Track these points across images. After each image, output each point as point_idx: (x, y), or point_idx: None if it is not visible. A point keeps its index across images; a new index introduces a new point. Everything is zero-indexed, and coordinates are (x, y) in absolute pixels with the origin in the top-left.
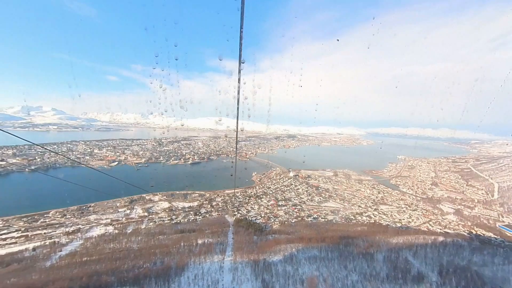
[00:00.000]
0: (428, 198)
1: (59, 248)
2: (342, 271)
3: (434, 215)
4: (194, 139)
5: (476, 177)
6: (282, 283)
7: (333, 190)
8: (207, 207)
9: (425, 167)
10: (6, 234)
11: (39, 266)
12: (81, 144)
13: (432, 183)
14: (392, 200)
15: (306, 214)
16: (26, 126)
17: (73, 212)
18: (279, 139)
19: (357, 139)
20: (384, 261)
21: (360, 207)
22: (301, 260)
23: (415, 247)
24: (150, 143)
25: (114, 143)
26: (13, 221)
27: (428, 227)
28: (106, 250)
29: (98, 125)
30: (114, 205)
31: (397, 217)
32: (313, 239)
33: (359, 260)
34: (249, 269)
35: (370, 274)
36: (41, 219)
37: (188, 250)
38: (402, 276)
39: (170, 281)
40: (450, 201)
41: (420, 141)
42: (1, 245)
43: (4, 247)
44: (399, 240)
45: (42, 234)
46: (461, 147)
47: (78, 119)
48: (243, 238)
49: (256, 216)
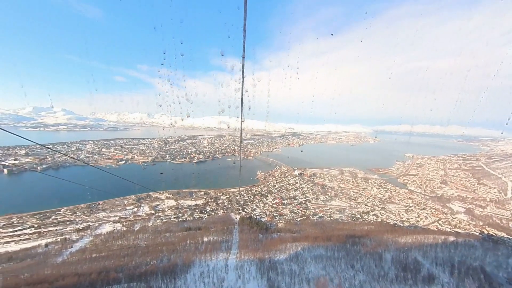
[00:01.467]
0: (437, 197)
1: (70, 245)
2: (349, 270)
3: (443, 214)
4: (199, 138)
5: (488, 176)
6: (288, 282)
7: (338, 188)
8: (213, 205)
9: (434, 165)
10: (20, 230)
11: (51, 262)
12: (89, 143)
13: (442, 181)
14: (400, 199)
15: (311, 213)
16: (37, 126)
17: (83, 210)
18: (283, 138)
19: (363, 137)
20: (393, 261)
21: (367, 206)
22: (307, 259)
23: (425, 247)
24: (156, 142)
25: (121, 142)
26: (27, 218)
27: (437, 227)
28: (115, 246)
29: (106, 124)
30: (122, 203)
31: (405, 216)
32: (319, 238)
33: (366, 260)
34: (254, 267)
35: (378, 274)
36: (53, 216)
37: (194, 247)
38: (412, 277)
39: (176, 278)
40: (460, 200)
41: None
42: (16, 241)
43: (18, 243)
44: (408, 240)
45: (54, 231)
46: (472, 144)
47: (86, 119)
48: (248, 236)
49: (261, 214)
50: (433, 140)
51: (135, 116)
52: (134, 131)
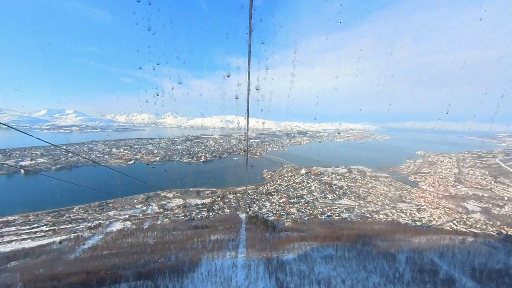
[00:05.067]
0: (451, 196)
1: (82, 242)
2: (362, 272)
3: (458, 214)
4: (206, 138)
5: (506, 173)
6: (298, 283)
7: (347, 187)
8: (220, 204)
9: (447, 163)
10: (36, 228)
11: (64, 258)
12: (100, 144)
13: (455, 179)
14: (411, 198)
15: (319, 212)
16: (52, 128)
17: (95, 208)
18: (289, 136)
19: (372, 134)
20: (407, 262)
21: (377, 205)
22: (316, 259)
23: (441, 248)
24: (163, 142)
25: (130, 143)
26: (42, 216)
27: (451, 227)
28: (124, 244)
29: (115, 125)
30: (131, 202)
31: (417, 216)
32: (328, 238)
33: (379, 261)
34: (262, 267)
35: (393, 276)
36: (66, 214)
37: (202, 246)
38: (429, 279)
39: (183, 277)
40: (476, 199)
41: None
42: (33, 237)
43: (35, 239)
44: (422, 240)
45: (67, 229)
46: (488, 141)
47: (97, 120)
48: (256, 235)
49: (267, 213)
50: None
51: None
52: (142, 132)
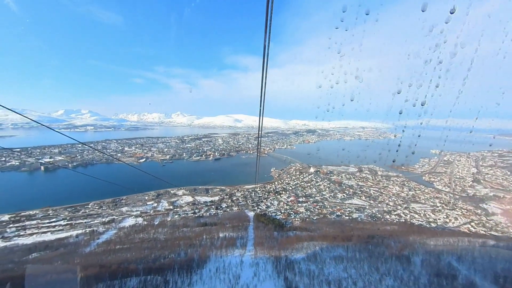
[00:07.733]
0: (468, 197)
1: (97, 236)
2: (374, 274)
3: (476, 216)
4: (214, 136)
5: None
6: (307, 283)
7: (357, 186)
8: (228, 201)
9: (465, 162)
10: (55, 222)
11: (80, 252)
12: (113, 142)
13: (474, 179)
14: (426, 198)
15: (328, 211)
16: (68, 127)
17: (108, 204)
18: (297, 134)
19: (383, 133)
20: (423, 264)
21: (389, 205)
22: (325, 259)
23: (459, 251)
24: (173, 140)
25: (141, 141)
26: (60, 211)
27: (469, 229)
28: (136, 239)
29: (128, 125)
30: (143, 198)
31: (431, 217)
32: (338, 238)
33: (392, 263)
34: (270, 265)
35: (408, 279)
36: (82, 209)
37: (210, 243)
38: (447, 283)
39: (192, 273)
40: (496, 200)
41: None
42: (52, 231)
43: (54, 233)
44: (438, 242)
45: (83, 223)
46: (510, 139)
47: (110, 119)
48: (264, 234)
49: (275, 212)
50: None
51: (154, 116)
52: (153, 130)
